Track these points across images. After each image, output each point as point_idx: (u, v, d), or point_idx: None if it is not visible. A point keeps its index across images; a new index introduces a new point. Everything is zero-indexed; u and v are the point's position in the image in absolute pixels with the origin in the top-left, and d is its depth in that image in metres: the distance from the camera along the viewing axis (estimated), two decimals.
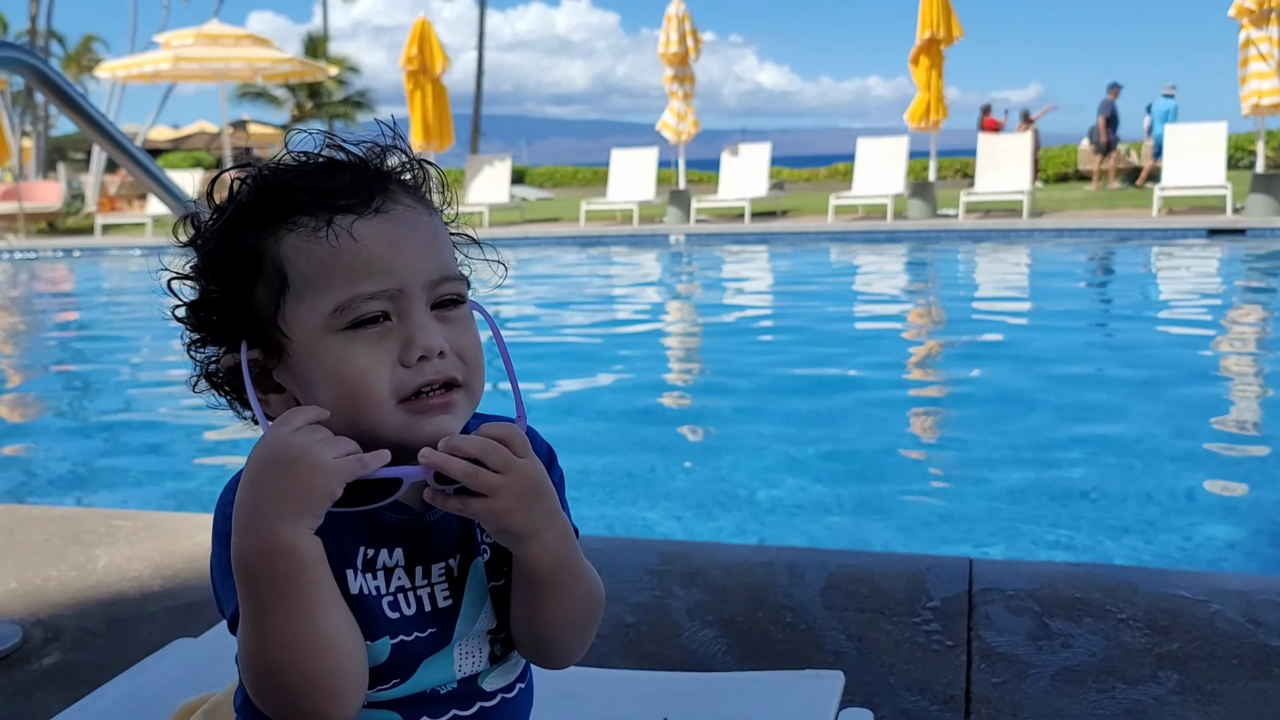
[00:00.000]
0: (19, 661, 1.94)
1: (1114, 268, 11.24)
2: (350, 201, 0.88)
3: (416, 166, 0.96)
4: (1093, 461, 4.13)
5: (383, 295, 0.87)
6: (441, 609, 0.95)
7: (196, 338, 0.95)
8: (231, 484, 0.92)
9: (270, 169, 0.91)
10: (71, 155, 30.78)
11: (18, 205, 18.29)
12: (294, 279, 0.88)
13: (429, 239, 0.91)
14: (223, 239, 0.91)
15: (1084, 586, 2.11)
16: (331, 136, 0.94)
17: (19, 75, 2.08)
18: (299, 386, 0.91)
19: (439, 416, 0.90)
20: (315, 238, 0.87)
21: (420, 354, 0.88)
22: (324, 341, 0.88)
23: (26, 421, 5.86)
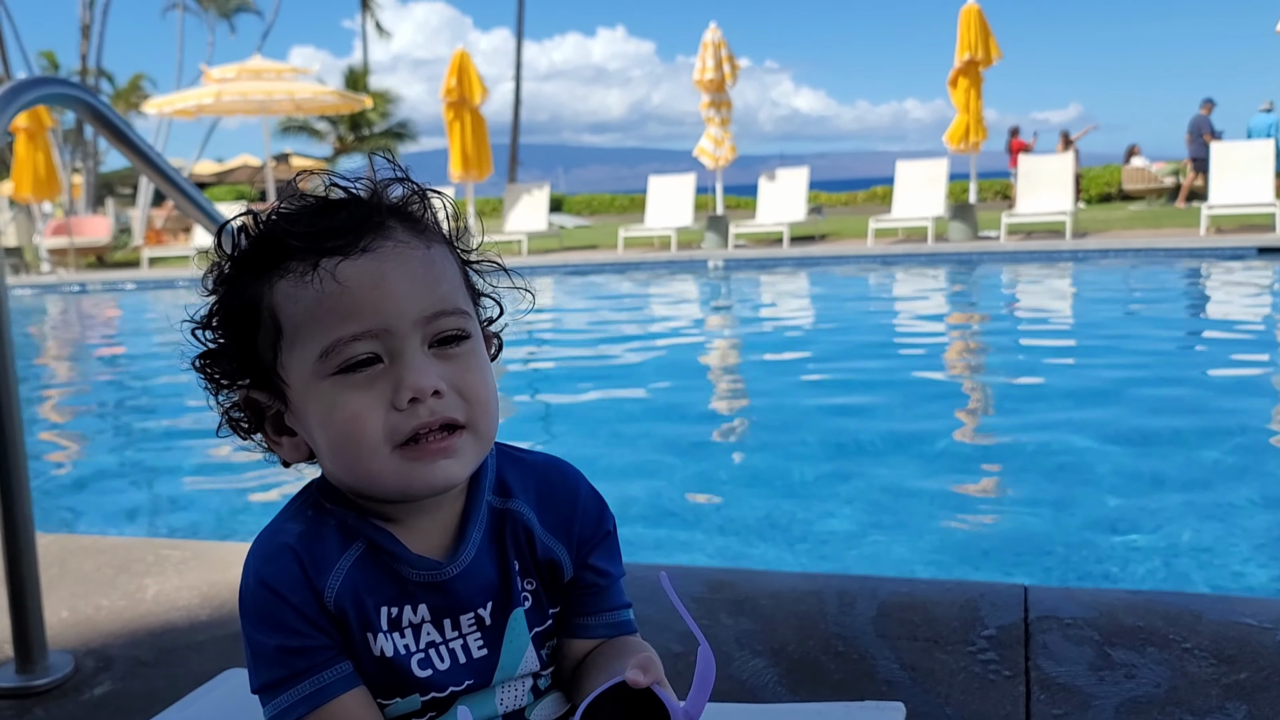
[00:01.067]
0: (71, 691, 1.95)
1: (1162, 287, 11.07)
2: (338, 243, 0.86)
3: (422, 198, 0.94)
4: (1145, 486, 4.04)
5: (367, 336, 0.85)
6: (477, 659, 0.94)
7: (213, 385, 0.96)
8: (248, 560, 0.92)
9: (270, 215, 0.91)
10: (119, 190, 31.45)
11: (68, 240, 18.67)
12: (286, 327, 0.87)
13: (422, 273, 0.88)
14: (227, 289, 0.92)
15: (1145, 614, 2.05)
16: (330, 174, 0.93)
17: (73, 110, 2.11)
18: (304, 431, 0.91)
19: (440, 461, 0.86)
20: (302, 283, 0.86)
21: (411, 395, 0.85)
22: (316, 388, 0.86)
23: (77, 452, 5.95)
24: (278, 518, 0.95)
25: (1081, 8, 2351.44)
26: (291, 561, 0.89)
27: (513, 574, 0.96)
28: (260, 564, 0.90)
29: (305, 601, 0.88)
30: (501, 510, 0.97)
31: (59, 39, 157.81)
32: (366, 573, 0.91)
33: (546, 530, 0.98)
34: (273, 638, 0.88)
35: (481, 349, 0.92)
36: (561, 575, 0.99)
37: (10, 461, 1.93)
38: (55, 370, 9.03)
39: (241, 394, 0.93)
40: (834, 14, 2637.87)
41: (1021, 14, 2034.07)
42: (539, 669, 0.98)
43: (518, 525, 0.97)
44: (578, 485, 1.00)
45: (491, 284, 0.97)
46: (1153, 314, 9.27)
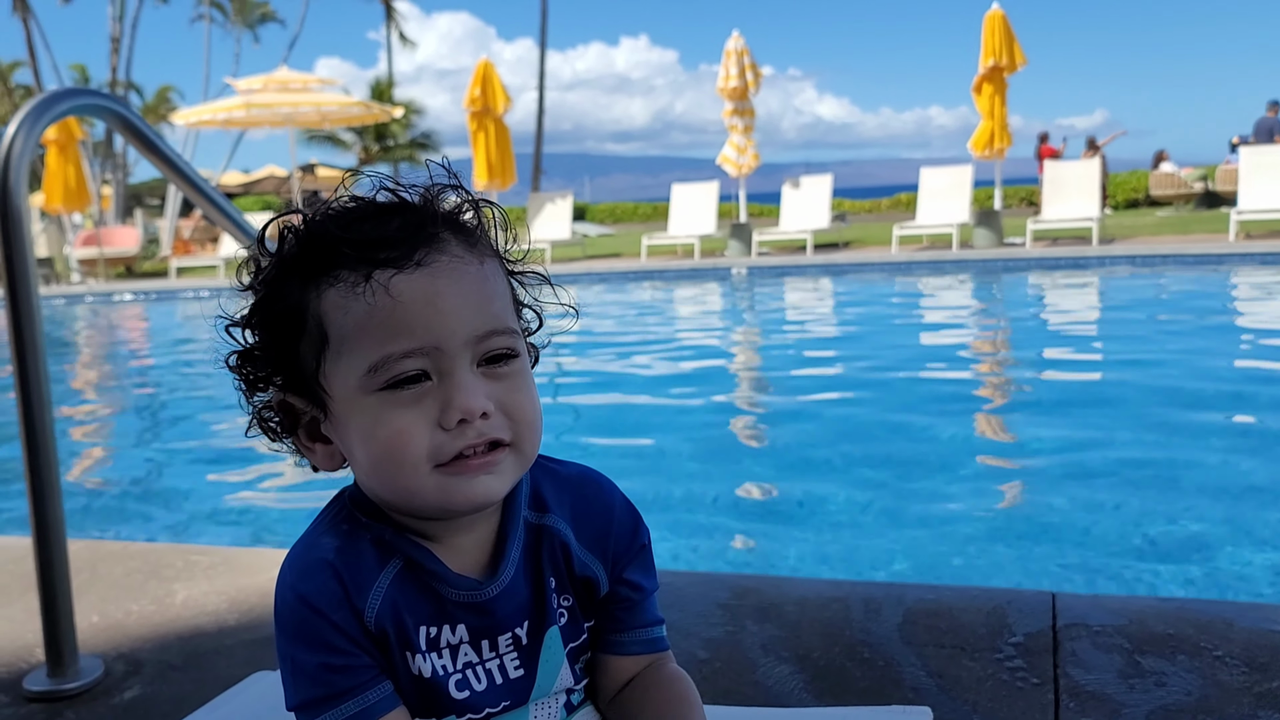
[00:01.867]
0: (101, 695, 1.97)
1: (1191, 294, 10.96)
2: (392, 254, 0.83)
3: (475, 207, 0.92)
4: (1173, 493, 4.00)
5: (418, 353, 0.83)
6: (514, 680, 0.92)
7: (247, 385, 0.94)
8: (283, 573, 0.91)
9: (320, 216, 0.88)
10: (148, 201, 31.83)
11: (98, 250, 18.89)
12: (333, 337, 0.85)
13: (475, 291, 0.86)
14: (270, 290, 0.89)
15: (1175, 622, 2.03)
16: (385, 179, 0.91)
17: (105, 121, 2.14)
18: (341, 442, 0.89)
19: (481, 477, 0.85)
20: (353, 293, 0.83)
21: (460, 417, 0.83)
22: (360, 402, 0.84)
23: (107, 458, 6.01)
24: (312, 531, 0.93)
25: (1107, 12, 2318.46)
26: (330, 578, 0.87)
27: (548, 591, 0.94)
28: (298, 579, 0.88)
29: (346, 620, 0.87)
30: (538, 526, 0.95)
31: (90, 52, 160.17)
32: (406, 591, 0.89)
33: (583, 546, 0.96)
34: (315, 655, 0.86)
35: (528, 367, 0.90)
36: (597, 591, 0.97)
37: (43, 467, 1.96)
38: (85, 378, 9.13)
39: (277, 397, 0.91)
40: (857, 21, 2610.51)
41: (1046, 19, 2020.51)
42: (573, 684, 0.96)
43: (555, 541, 0.95)
44: (612, 498, 0.99)
45: (534, 295, 0.95)
46: (1181, 320, 9.18)
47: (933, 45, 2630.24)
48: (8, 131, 1.92)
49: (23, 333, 1.93)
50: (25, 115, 1.94)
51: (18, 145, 1.91)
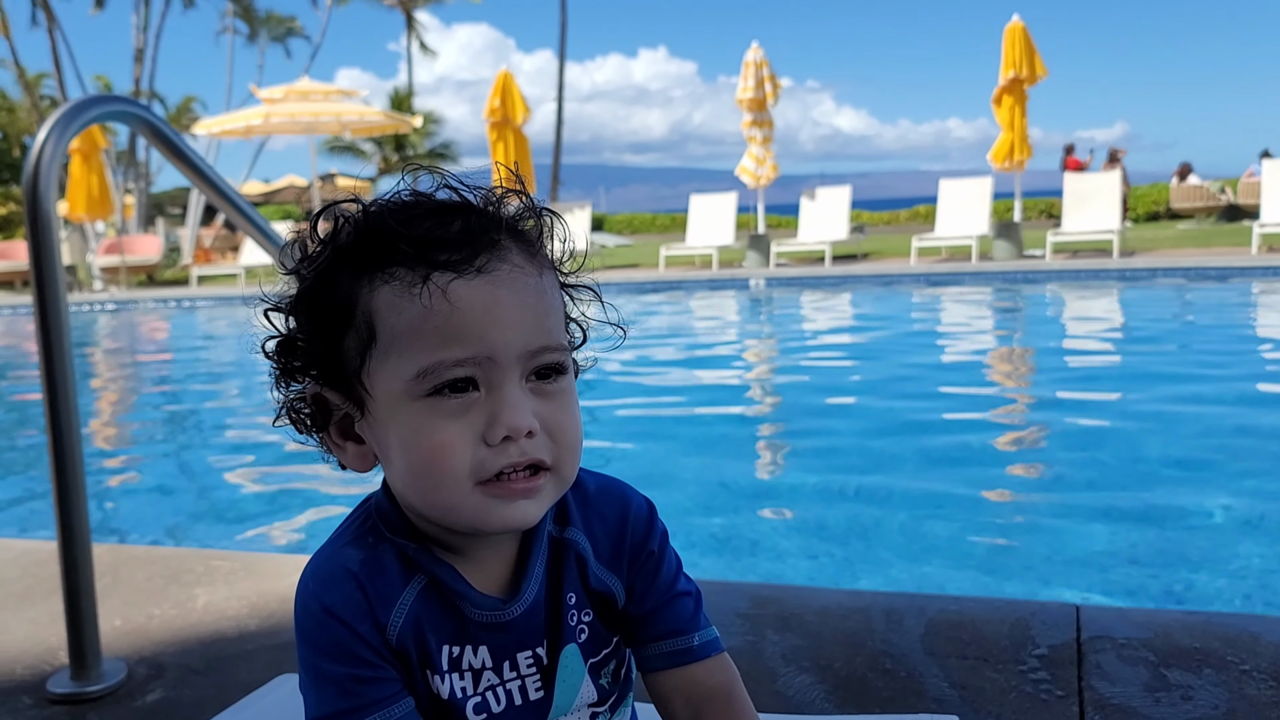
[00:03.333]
0: (124, 698, 1.97)
1: (1213, 307, 10.89)
2: (452, 257, 0.80)
3: (537, 215, 0.88)
4: (1197, 507, 3.96)
5: (470, 362, 0.80)
6: (534, 701, 0.90)
7: (281, 372, 0.90)
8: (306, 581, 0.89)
9: (378, 208, 0.84)
10: (169, 210, 32.12)
11: (120, 258, 19.05)
12: (382, 335, 0.82)
13: (534, 303, 0.83)
14: (319, 280, 0.85)
15: (1202, 635, 2.01)
16: (449, 176, 0.87)
17: (132, 128, 2.16)
18: (377, 444, 0.86)
19: (520, 502, 0.83)
20: (409, 294, 0.80)
21: (505, 434, 0.80)
22: (404, 407, 0.81)
23: (129, 464, 6.05)
24: (335, 540, 0.91)
25: (1127, 25, 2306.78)
26: (355, 589, 0.85)
27: (566, 608, 0.92)
28: (322, 589, 0.86)
29: (370, 632, 0.85)
30: (559, 540, 0.94)
31: (113, 63, 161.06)
32: (429, 609, 0.87)
33: (600, 562, 0.94)
34: (342, 667, 0.84)
35: (574, 386, 0.89)
36: (615, 604, 0.95)
37: (69, 473, 1.97)
38: (107, 385, 9.19)
39: (312, 390, 0.88)
40: (876, 33, 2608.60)
41: (1066, 31, 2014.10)
42: (597, 700, 0.93)
43: (572, 556, 0.93)
44: (628, 510, 0.96)
45: (581, 305, 0.93)
46: (1203, 333, 9.12)
47: (952, 57, 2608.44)
48: (38, 138, 1.94)
49: (51, 336, 1.94)
50: (55, 122, 1.96)
51: (48, 151, 1.93)
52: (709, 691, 0.96)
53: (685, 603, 0.98)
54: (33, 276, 1.95)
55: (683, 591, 0.98)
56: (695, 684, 0.96)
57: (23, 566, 2.83)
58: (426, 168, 0.90)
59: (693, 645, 0.97)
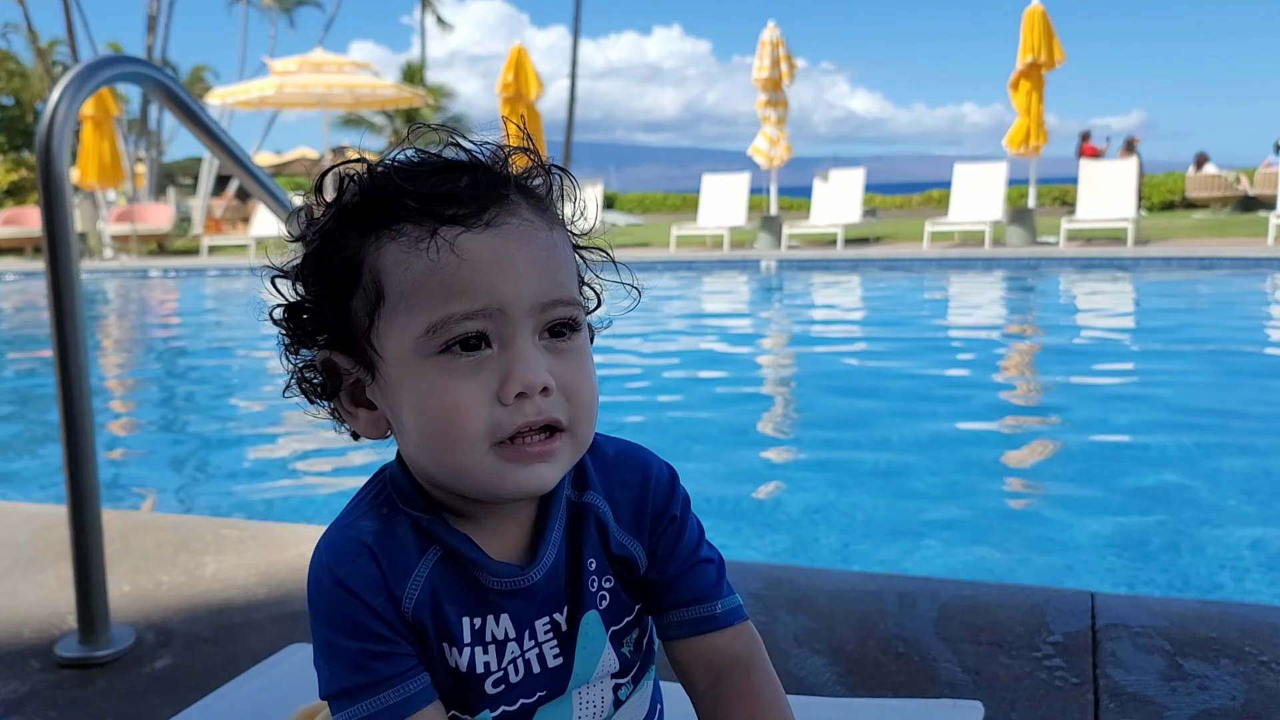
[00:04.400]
0: (132, 664, 1.97)
1: (1229, 297, 10.81)
2: (460, 211, 0.79)
3: (546, 173, 0.87)
4: (1210, 496, 3.94)
5: (480, 315, 0.78)
6: (552, 669, 0.88)
7: (290, 341, 0.88)
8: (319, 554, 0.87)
9: (384, 167, 0.83)
10: (180, 180, 32.09)
11: (131, 226, 19.05)
12: (390, 293, 0.80)
13: (544, 256, 0.81)
14: (325, 242, 0.83)
15: (1219, 625, 1.99)
16: (454, 133, 0.86)
17: (146, 90, 2.14)
18: (389, 409, 0.84)
19: (536, 466, 0.81)
20: (416, 249, 0.79)
21: (519, 390, 0.78)
22: (415, 367, 0.79)
23: (137, 431, 6.05)
24: (349, 512, 0.89)
25: (1146, 12, 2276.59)
26: (369, 562, 0.84)
27: (587, 573, 0.90)
28: (335, 562, 0.84)
29: (384, 606, 0.83)
30: (579, 504, 0.92)
31: (126, 31, 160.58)
32: (446, 580, 0.85)
33: (621, 526, 0.92)
34: (354, 641, 0.82)
35: (589, 345, 0.87)
36: (636, 570, 0.93)
37: (79, 438, 1.96)
38: (116, 352, 9.20)
39: (321, 356, 0.86)
40: (893, 15, 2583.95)
41: (1083, 17, 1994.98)
42: (618, 669, 0.92)
43: (593, 521, 0.91)
44: (649, 474, 0.94)
45: (596, 274, 0.91)
46: (1218, 323, 9.06)
47: (968, 41, 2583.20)
48: (51, 98, 1.92)
49: (62, 297, 1.93)
50: (68, 83, 1.94)
51: (60, 113, 1.91)
52: (730, 660, 0.94)
53: (708, 569, 0.96)
54: (45, 239, 1.93)
55: (705, 559, 0.96)
56: (716, 652, 0.94)
57: (32, 531, 2.83)
58: (433, 126, 0.88)
59: (715, 613, 0.95)
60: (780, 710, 0.93)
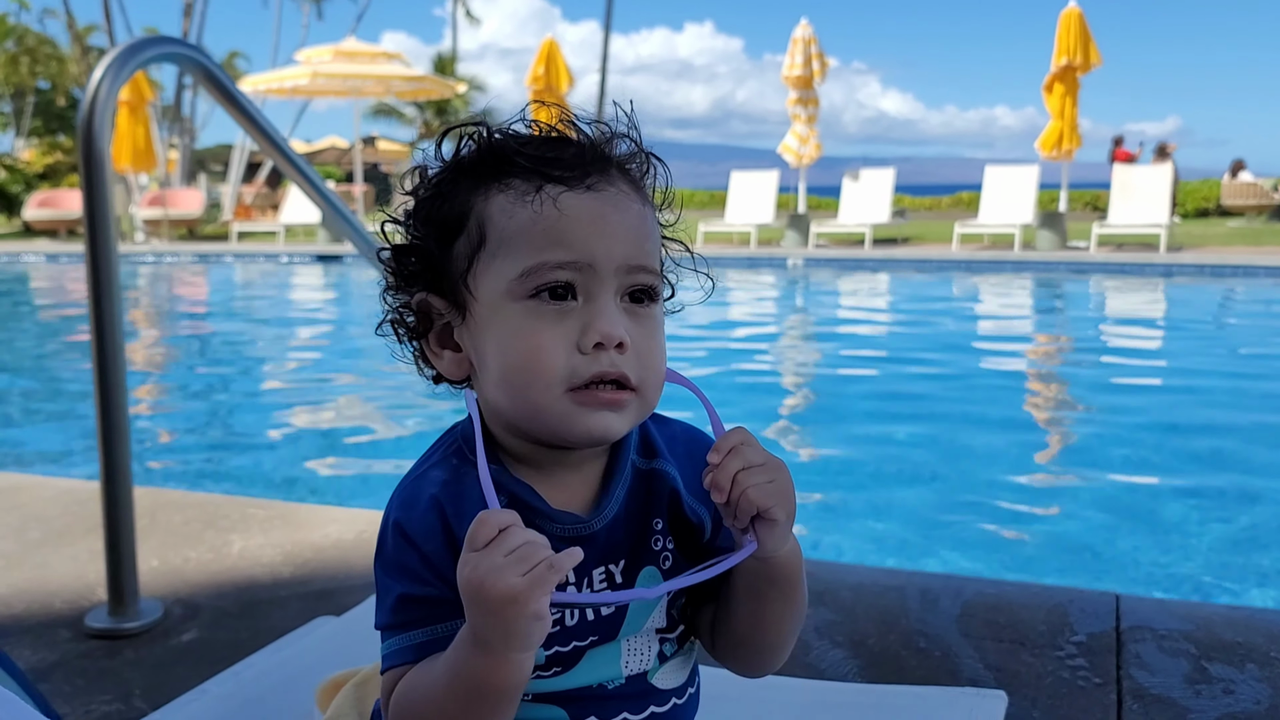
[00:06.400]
0: (160, 636, 2.00)
1: (1262, 306, 10.68)
2: (565, 174, 0.86)
3: (645, 160, 0.94)
4: (1236, 505, 3.90)
5: (571, 266, 0.85)
6: (604, 616, 0.92)
7: (391, 281, 0.94)
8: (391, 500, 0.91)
9: (499, 132, 0.91)
10: (211, 167, 32.31)
11: (162, 211, 19.22)
12: (491, 238, 0.87)
13: (635, 224, 0.89)
14: (438, 190, 0.91)
15: (1245, 631, 1.97)
16: (566, 111, 0.93)
17: (187, 71, 2.16)
18: (474, 350, 0.90)
19: (604, 412, 0.86)
20: (522, 201, 0.86)
21: (598, 340, 0.84)
22: (505, 308, 0.86)
23: (165, 410, 6.12)
24: (421, 463, 0.94)
25: (1185, 17, 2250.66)
26: (431, 510, 0.88)
27: (653, 532, 0.94)
28: (400, 511, 0.89)
29: (438, 552, 0.87)
30: (647, 470, 0.96)
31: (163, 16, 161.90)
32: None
33: (691, 493, 0.96)
34: (399, 584, 0.87)
35: (662, 318, 0.92)
36: (701, 536, 0.97)
37: (114, 415, 1.99)
38: (146, 334, 9.29)
39: (419, 297, 0.92)
40: (926, 16, 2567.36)
41: (1120, 20, 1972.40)
42: (665, 626, 0.95)
43: (664, 485, 0.96)
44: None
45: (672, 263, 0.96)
46: (1250, 333, 8.96)
47: (1003, 43, 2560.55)
48: (94, 76, 1.95)
49: (100, 275, 1.96)
50: (112, 61, 1.96)
51: (103, 90, 1.93)
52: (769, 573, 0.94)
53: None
54: (85, 215, 1.96)
55: None
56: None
57: (63, 505, 2.87)
58: (545, 103, 0.96)
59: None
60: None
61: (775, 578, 0.90)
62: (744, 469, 0.87)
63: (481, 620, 0.77)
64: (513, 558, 0.75)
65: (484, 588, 0.75)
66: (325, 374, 7.25)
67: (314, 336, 9.40)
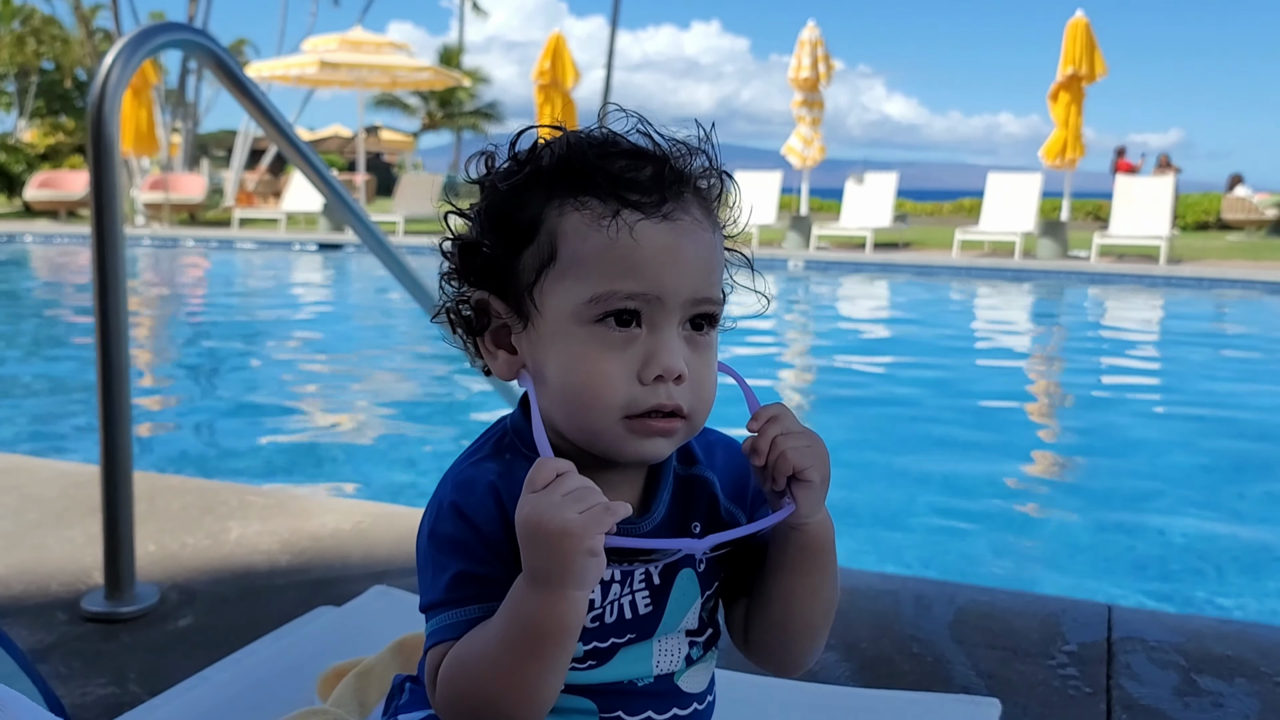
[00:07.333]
0: (156, 621, 2.00)
1: (1261, 322, 10.71)
2: (642, 199, 0.86)
3: (716, 176, 0.95)
4: (1230, 517, 3.92)
5: (641, 298, 0.85)
6: (642, 615, 0.94)
7: (452, 270, 0.95)
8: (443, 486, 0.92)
9: (576, 139, 0.90)
10: (214, 153, 32.26)
11: (164, 195, 19.21)
12: (563, 256, 0.87)
13: (706, 257, 0.90)
14: (512, 194, 0.90)
15: (1235, 644, 1.98)
16: (643, 120, 0.93)
17: (197, 59, 2.16)
18: (532, 359, 0.90)
19: (656, 440, 0.88)
20: (598, 224, 0.86)
21: (659, 373, 0.86)
22: (570, 329, 0.86)
23: (164, 396, 6.12)
24: (472, 454, 0.95)
25: (1190, 30, 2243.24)
26: (488, 495, 0.89)
27: (691, 535, 0.96)
28: (457, 493, 0.90)
29: (495, 534, 0.88)
30: (686, 476, 0.98)
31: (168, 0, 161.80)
32: None
33: (729, 498, 0.99)
34: (456, 562, 0.88)
35: (717, 341, 0.94)
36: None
37: (116, 398, 1.99)
38: (145, 318, 9.29)
39: (479, 296, 0.92)
40: (932, 21, 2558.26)
41: (1126, 30, 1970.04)
42: (696, 628, 0.97)
43: (704, 490, 0.98)
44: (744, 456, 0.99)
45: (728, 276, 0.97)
46: (1247, 346, 8.98)
47: (1009, 51, 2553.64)
48: (104, 61, 1.95)
49: (106, 256, 1.96)
50: (123, 46, 1.96)
51: (114, 75, 1.93)
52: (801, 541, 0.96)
53: None
54: (93, 201, 1.96)
55: None
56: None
57: (60, 487, 2.88)
58: (625, 110, 0.95)
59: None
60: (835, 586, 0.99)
61: (808, 546, 0.93)
62: (782, 434, 0.90)
63: (538, 557, 0.78)
64: (570, 497, 0.78)
65: (542, 523, 0.77)
66: (325, 363, 7.26)
67: (315, 325, 9.41)
